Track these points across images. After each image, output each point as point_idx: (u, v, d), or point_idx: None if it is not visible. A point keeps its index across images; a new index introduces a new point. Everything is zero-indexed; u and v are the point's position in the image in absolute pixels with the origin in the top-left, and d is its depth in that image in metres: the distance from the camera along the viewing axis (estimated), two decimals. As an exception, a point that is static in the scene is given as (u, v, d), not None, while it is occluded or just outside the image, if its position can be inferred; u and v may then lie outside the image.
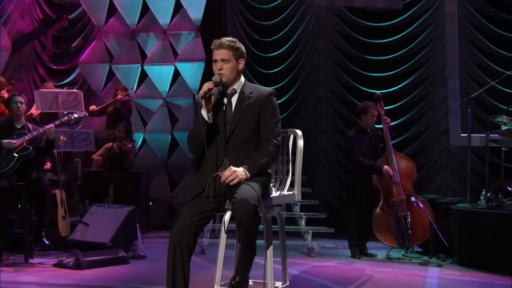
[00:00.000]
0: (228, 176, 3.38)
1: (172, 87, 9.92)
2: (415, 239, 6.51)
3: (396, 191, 6.55)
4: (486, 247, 6.01)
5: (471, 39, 8.98)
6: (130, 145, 8.01)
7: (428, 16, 9.30)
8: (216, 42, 3.61)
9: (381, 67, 9.55)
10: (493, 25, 8.90)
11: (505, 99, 8.42)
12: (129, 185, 7.97)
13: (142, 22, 10.12)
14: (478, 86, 8.81)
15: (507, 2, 8.82)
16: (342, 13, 9.81)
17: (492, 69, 8.82)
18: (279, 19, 10.13)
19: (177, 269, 3.43)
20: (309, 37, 9.98)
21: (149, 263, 6.05)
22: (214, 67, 3.60)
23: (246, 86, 3.66)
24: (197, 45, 9.68)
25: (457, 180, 9.18)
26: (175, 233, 3.45)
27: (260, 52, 10.20)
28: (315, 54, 9.95)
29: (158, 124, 9.81)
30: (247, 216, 3.27)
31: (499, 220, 6.01)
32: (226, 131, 3.56)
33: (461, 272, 5.84)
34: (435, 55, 9.26)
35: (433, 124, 9.25)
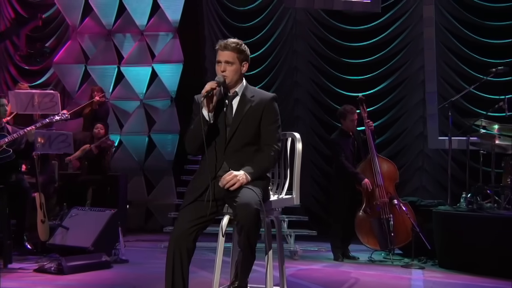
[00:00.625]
0: (229, 180, 3.34)
1: (149, 89, 9.81)
2: (397, 241, 6.56)
3: (379, 193, 6.60)
4: (468, 249, 6.07)
5: (447, 44, 9.12)
6: (110, 142, 7.89)
7: (405, 20, 9.42)
8: (222, 43, 3.58)
9: (358, 70, 9.63)
10: (469, 31, 9.06)
11: (479, 103, 8.57)
12: (108, 187, 7.85)
13: (118, 23, 9.98)
14: (453, 90, 8.96)
15: (482, 8, 8.97)
16: (319, 16, 9.86)
17: (467, 74, 8.98)
18: (256, 21, 10.12)
19: (176, 274, 3.37)
20: (287, 39, 10.00)
21: (133, 268, 5.96)
22: (217, 68, 3.55)
23: (248, 89, 3.62)
24: (175, 46, 9.60)
25: (432, 182, 9.31)
26: (174, 237, 3.38)
27: (238, 55, 10.16)
28: (292, 56, 9.98)
29: (134, 126, 9.69)
30: (250, 221, 3.24)
31: (480, 223, 6.08)
32: (226, 134, 3.52)
33: (444, 275, 5.89)
34: (411, 58, 9.38)
35: (409, 127, 9.36)
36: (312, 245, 7.55)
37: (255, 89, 3.66)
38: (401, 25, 9.42)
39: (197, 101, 3.61)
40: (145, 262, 6.28)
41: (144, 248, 7.28)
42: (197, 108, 3.59)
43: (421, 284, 5.34)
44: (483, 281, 5.55)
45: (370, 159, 6.71)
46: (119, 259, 6.18)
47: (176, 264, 3.37)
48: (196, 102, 3.62)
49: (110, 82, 9.89)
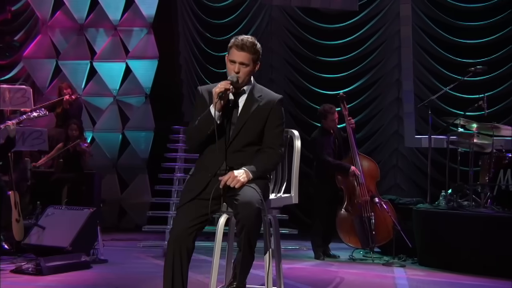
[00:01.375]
0: (230, 182, 3.23)
1: (123, 85, 9.64)
2: (378, 239, 6.57)
3: (360, 192, 6.60)
4: (448, 247, 6.12)
5: (421, 43, 9.20)
6: (85, 145, 7.70)
7: (380, 18, 9.46)
8: (238, 41, 3.40)
9: (334, 68, 9.64)
10: (443, 31, 9.15)
11: (453, 103, 8.67)
12: (83, 186, 7.66)
13: (91, 17, 9.78)
14: (427, 89, 9.05)
15: (456, 8, 9.08)
16: (295, 13, 9.83)
17: (441, 73, 9.08)
18: (231, 18, 10.04)
19: (176, 275, 3.26)
20: (262, 37, 9.92)
21: (113, 268, 5.83)
22: (230, 67, 3.41)
23: (256, 88, 3.50)
24: (149, 42, 9.45)
25: (406, 181, 9.39)
26: (175, 237, 3.27)
27: (212, 51, 10.08)
28: (267, 54, 9.91)
29: (108, 123, 9.51)
30: (251, 220, 3.15)
31: (461, 221, 6.12)
32: (230, 132, 3.41)
33: (425, 273, 5.92)
34: (386, 56, 9.43)
35: (384, 125, 9.41)
36: (292, 243, 7.51)
37: (262, 88, 3.54)
38: (376, 23, 9.46)
39: (201, 94, 3.50)
40: (124, 262, 6.15)
41: (121, 248, 7.13)
42: (201, 100, 3.48)
43: (405, 283, 5.34)
44: (466, 279, 5.59)
45: (351, 157, 6.71)
46: (98, 259, 6.04)
47: (176, 265, 3.27)
48: (200, 94, 3.50)
49: (82, 77, 9.69)
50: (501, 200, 6.20)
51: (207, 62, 10.08)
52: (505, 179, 6.23)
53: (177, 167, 7.79)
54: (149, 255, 6.61)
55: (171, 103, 9.88)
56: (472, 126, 6.68)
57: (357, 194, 6.61)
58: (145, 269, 5.83)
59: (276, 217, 3.59)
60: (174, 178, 7.58)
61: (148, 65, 9.41)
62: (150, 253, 6.70)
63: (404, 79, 9.01)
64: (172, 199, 7.30)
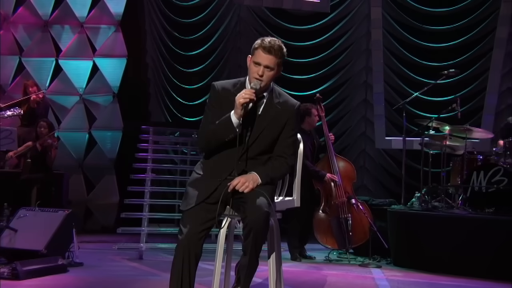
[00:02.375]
0: (239, 186, 3.18)
1: (89, 84, 9.43)
2: (355, 240, 6.63)
3: (337, 193, 6.64)
4: (423, 248, 6.21)
5: (389, 47, 9.33)
6: (50, 140, 7.48)
7: (348, 20, 9.56)
8: (266, 43, 3.25)
9: (302, 69, 9.68)
10: (409, 34, 9.31)
11: (420, 105, 8.82)
12: (52, 187, 7.46)
13: (56, 13, 9.53)
14: (394, 92, 9.21)
15: (423, 13, 9.25)
16: (263, 14, 9.85)
17: (407, 76, 9.24)
18: (199, 17, 9.99)
19: (184, 281, 3.20)
20: (230, 37, 9.93)
21: (90, 271, 5.67)
22: (254, 69, 3.26)
23: (275, 92, 3.39)
24: (117, 40, 9.28)
25: (372, 181, 9.52)
26: (185, 242, 3.20)
27: (180, 50, 10.00)
28: (236, 54, 9.90)
29: (73, 122, 9.27)
30: (260, 224, 3.12)
31: (435, 222, 6.21)
32: (247, 139, 3.31)
33: (402, 273, 5.97)
34: (354, 58, 9.54)
35: (351, 127, 9.51)
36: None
37: (280, 92, 3.42)
38: (345, 26, 9.56)
39: (217, 91, 3.37)
40: (101, 265, 6.01)
41: (92, 250, 6.95)
42: (216, 99, 3.36)
43: (386, 284, 5.39)
44: (444, 279, 5.67)
45: (328, 158, 6.75)
46: (73, 262, 5.87)
47: (185, 270, 3.20)
48: (216, 91, 3.37)
49: (47, 75, 9.44)
50: (474, 201, 6.32)
51: (175, 61, 9.99)
52: (478, 180, 6.36)
53: (148, 167, 7.67)
54: (124, 257, 6.48)
55: (140, 103, 9.75)
56: (445, 129, 6.80)
57: (334, 196, 6.65)
58: (124, 272, 5.71)
59: (277, 221, 3.55)
60: (147, 179, 7.44)
61: (116, 63, 9.24)
62: (124, 255, 6.58)
63: (375, 81, 9.13)
64: (145, 200, 7.17)
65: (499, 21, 8.70)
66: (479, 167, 6.45)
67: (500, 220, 5.91)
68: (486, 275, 5.68)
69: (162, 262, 6.25)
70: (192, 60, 9.98)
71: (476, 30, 9.06)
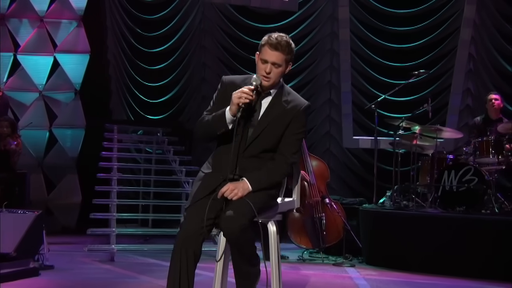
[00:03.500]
0: (228, 194, 3.10)
1: (50, 80, 9.12)
2: (329, 240, 6.63)
3: (311, 192, 6.63)
4: (395, 246, 6.26)
5: (354, 48, 9.39)
6: (14, 143, 7.21)
7: (313, 20, 9.57)
8: (273, 40, 3.21)
9: (267, 68, 9.64)
10: (373, 35, 9.42)
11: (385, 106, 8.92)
12: (16, 187, 7.19)
13: (13, 7, 9.15)
14: (359, 93, 9.29)
15: (387, 14, 9.37)
16: (228, 11, 9.77)
17: (372, 76, 9.34)
18: (162, 14, 9.82)
19: (182, 279, 3.10)
20: (195, 34, 9.81)
21: (63, 274, 5.47)
22: (261, 67, 3.21)
23: (284, 90, 3.34)
24: (80, 35, 9.00)
25: (337, 180, 9.56)
26: (184, 239, 3.10)
27: (142, 47, 9.81)
28: (200, 52, 9.80)
29: (33, 120, 8.90)
30: (234, 236, 3.07)
31: (408, 221, 6.28)
32: (248, 135, 3.24)
33: (377, 272, 6.01)
34: (319, 57, 9.57)
35: (316, 126, 9.54)
36: None
37: (290, 91, 3.37)
38: (309, 25, 9.57)
39: (225, 85, 3.32)
40: (72, 268, 5.82)
41: (59, 252, 6.71)
42: (223, 93, 3.31)
43: (365, 283, 5.40)
44: (420, 278, 5.71)
45: (302, 158, 6.73)
46: (43, 265, 5.67)
47: (183, 268, 3.10)
48: (224, 86, 3.32)
49: (5, 71, 9.07)
50: (445, 200, 6.43)
51: (137, 58, 9.80)
52: (449, 180, 6.47)
53: (115, 167, 7.50)
54: (94, 259, 6.29)
55: (102, 100, 9.51)
56: (415, 128, 6.88)
57: (308, 195, 6.64)
58: (99, 274, 5.54)
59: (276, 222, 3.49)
60: (114, 179, 7.27)
61: (78, 59, 8.97)
62: (94, 257, 6.38)
63: (343, 81, 9.19)
64: (114, 200, 6.99)
65: (462, 23, 8.89)
66: (450, 166, 6.55)
67: (471, 219, 6.02)
68: (459, 272, 5.76)
69: (135, 264, 6.12)
70: (155, 57, 9.80)
71: (438, 31, 9.23)
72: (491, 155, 6.43)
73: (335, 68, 9.50)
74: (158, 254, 6.60)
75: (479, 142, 6.51)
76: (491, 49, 9.13)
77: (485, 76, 9.16)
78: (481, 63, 9.17)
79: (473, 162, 6.51)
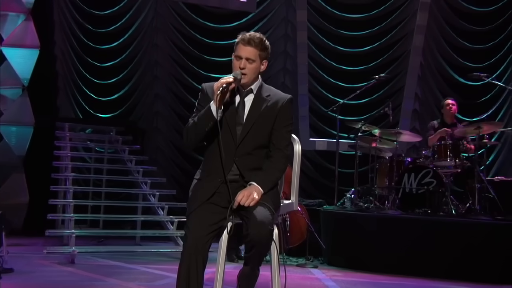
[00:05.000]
0: (244, 201, 3.10)
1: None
2: (292, 241, 6.65)
3: (275, 194, 6.61)
4: (358, 247, 6.35)
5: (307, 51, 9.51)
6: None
7: (267, 22, 9.60)
8: (246, 36, 3.23)
9: (220, 68, 9.57)
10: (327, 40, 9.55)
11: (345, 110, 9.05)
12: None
13: (-45, -3, 8.71)
14: (311, 95, 9.40)
15: (339, 19, 9.52)
16: (181, 9, 9.67)
17: (326, 80, 9.47)
18: (114, 10, 9.60)
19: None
20: (147, 31, 9.64)
21: (25, 278, 5.21)
22: (236, 63, 3.24)
23: (264, 87, 3.36)
24: (28, 29, 8.60)
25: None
26: (190, 248, 3.06)
27: (92, 43, 9.54)
28: (152, 50, 9.63)
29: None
30: (262, 241, 3.07)
31: (370, 222, 6.38)
32: (238, 134, 3.23)
33: (342, 273, 6.05)
34: (272, 60, 9.58)
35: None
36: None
37: (270, 88, 3.40)
38: (263, 27, 9.58)
39: (206, 91, 3.30)
40: (34, 271, 5.56)
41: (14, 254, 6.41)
42: (204, 98, 3.29)
43: (334, 285, 5.43)
44: (385, 278, 5.81)
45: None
46: (2, 268, 5.40)
47: (192, 278, 3.05)
48: (205, 92, 3.31)
49: None
50: (405, 202, 6.58)
51: (87, 54, 9.52)
52: (409, 182, 6.63)
53: (70, 166, 7.26)
54: (53, 261, 6.05)
55: (51, 97, 9.18)
56: (375, 131, 7.01)
57: (271, 196, 6.62)
58: (62, 277, 5.32)
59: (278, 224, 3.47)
60: (70, 178, 7.03)
61: (26, 54, 8.57)
62: (52, 259, 6.14)
63: (300, 83, 9.27)
64: (69, 200, 6.76)
65: (415, 29, 9.14)
66: (410, 169, 6.71)
67: (430, 220, 6.19)
68: (420, 273, 5.91)
69: (97, 266, 5.94)
70: (105, 54, 9.56)
71: (388, 36, 9.48)
72: (449, 158, 6.62)
73: (289, 71, 9.57)
74: (117, 256, 6.46)
75: (438, 146, 6.69)
76: (438, 57, 9.46)
77: (432, 82, 9.48)
78: (428, 69, 9.48)
79: (431, 165, 6.69)
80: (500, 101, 9.42)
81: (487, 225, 6.00)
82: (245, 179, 3.24)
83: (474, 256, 5.82)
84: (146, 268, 5.87)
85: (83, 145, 8.69)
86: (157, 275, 5.51)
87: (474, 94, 9.33)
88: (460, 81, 9.47)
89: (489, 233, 5.87)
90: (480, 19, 9.53)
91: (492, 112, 9.37)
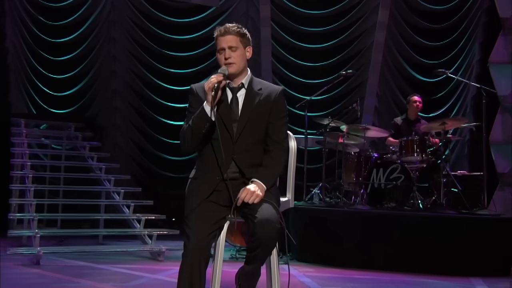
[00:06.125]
0: (248, 198, 3.03)
1: None
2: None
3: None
4: (328, 242, 6.34)
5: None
6: None
7: (227, 17, 9.49)
8: (221, 28, 3.18)
9: (180, 63, 9.47)
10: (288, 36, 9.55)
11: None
12: None
13: None
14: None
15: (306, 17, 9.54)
16: (139, 3, 9.46)
17: (284, 75, 9.46)
18: (68, 2, 9.29)
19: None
20: (103, 25, 9.38)
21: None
22: (220, 57, 3.17)
23: (254, 81, 3.27)
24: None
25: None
26: (192, 249, 2.97)
27: (46, 37, 9.20)
28: (110, 44, 9.38)
29: None
30: (269, 239, 3.02)
31: (340, 217, 6.38)
32: (234, 130, 3.16)
33: (314, 269, 6.02)
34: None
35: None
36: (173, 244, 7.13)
37: (261, 81, 3.33)
38: (223, 22, 9.44)
39: (195, 92, 3.21)
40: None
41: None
42: (195, 99, 3.20)
43: (309, 281, 5.40)
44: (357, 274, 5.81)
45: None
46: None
47: (195, 279, 2.95)
48: (195, 93, 3.21)
49: None
50: (374, 197, 6.63)
51: (40, 48, 9.18)
52: (378, 177, 6.68)
53: (28, 163, 6.98)
54: (17, 263, 5.79)
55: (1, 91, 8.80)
56: (343, 127, 7.03)
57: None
58: (31, 280, 5.09)
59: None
60: (29, 176, 6.76)
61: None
62: (16, 261, 5.88)
63: (264, 79, 9.15)
64: (31, 199, 6.50)
65: (377, 27, 9.23)
66: (379, 164, 6.76)
67: (399, 215, 6.24)
68: (391, 267, 5.95)
69: (65, 267, 5.72)
70: (60, 48, 9.23)
71: (348, 31, 9.55)
72: (416, 153, 6.69)
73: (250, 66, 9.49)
74: (83, 256, 6.25)
75: (405, 141, 6.76)
76: (396, 54, 9.58)
77: (390, 79, 9.60)
78: (386, 66, 9.59)
79: (399, 160, 6.75)
80: (455, 96, 9.61)
81: (453, 218, 6.10)
82: (246, 176, 3.16)
83: (442, 249, 5.91)
84: (117, 268, 5.69)
85: (37, 141, 8.38)
86: (130, 275, 5.35)
87: (431, 90, 9.49)
88: (417, 77, 9.63)
89: (456, 227, 5.97)
90: (436, 17, 9.71)
91: (448, 107, 9.56)
